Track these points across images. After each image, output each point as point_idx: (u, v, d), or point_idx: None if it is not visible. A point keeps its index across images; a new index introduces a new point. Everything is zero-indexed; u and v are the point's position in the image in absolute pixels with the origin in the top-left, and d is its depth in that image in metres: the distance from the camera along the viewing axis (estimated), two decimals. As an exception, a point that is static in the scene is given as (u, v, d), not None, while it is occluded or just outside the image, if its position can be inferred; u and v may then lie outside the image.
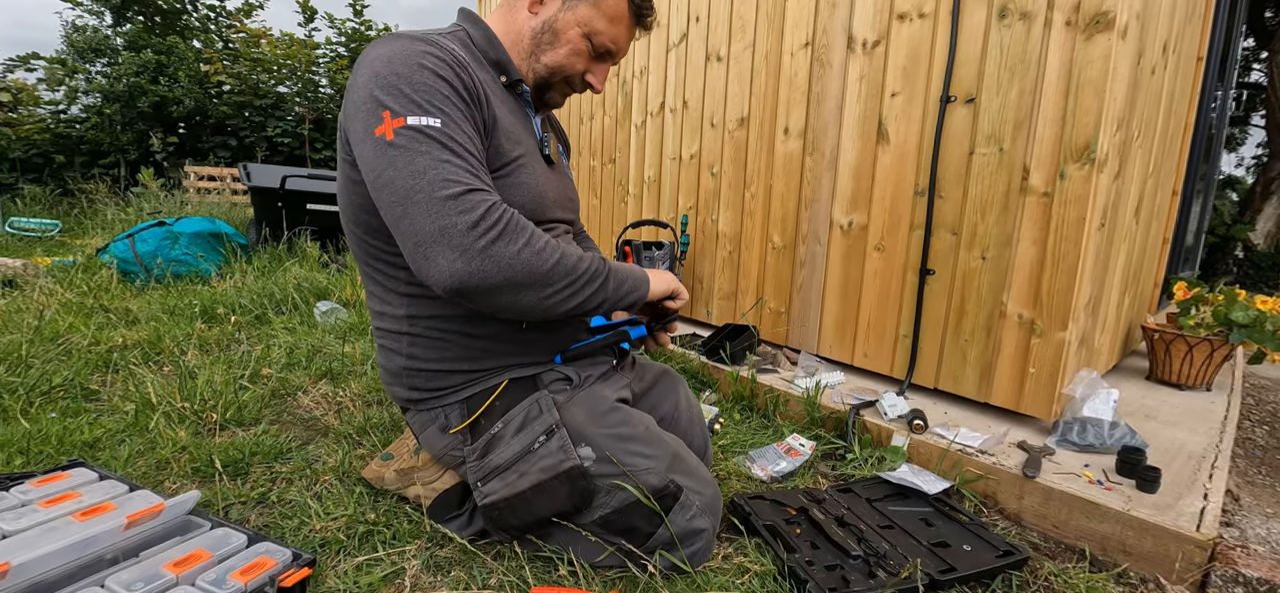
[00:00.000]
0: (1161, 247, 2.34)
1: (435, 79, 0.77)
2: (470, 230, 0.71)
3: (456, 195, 0.72)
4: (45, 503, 0.89)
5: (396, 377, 0.96)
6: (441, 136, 0.74)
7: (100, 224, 4.95)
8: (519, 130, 0.90)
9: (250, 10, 8.78)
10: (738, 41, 2.11)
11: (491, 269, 0.72)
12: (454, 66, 0.79)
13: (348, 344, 2.00)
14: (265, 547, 0.83)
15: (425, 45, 0.79)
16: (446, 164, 0.73)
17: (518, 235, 0.75)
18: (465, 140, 0.76)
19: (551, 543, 0.93)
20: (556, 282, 0.78)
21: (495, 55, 0.91)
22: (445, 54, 0.80)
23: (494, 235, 0.72)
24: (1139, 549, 1.04)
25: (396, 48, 0.78)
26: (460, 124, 0.76)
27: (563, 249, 0.80)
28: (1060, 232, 1.34)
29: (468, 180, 0.73)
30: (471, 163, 0.76)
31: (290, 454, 1.26)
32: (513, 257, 0.74)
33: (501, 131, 0.84)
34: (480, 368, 0.93)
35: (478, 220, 0.72)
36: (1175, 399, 1.79)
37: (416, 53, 0.77)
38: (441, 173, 0.72)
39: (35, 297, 2.30)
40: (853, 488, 1.23)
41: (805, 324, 1.97)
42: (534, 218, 0.90)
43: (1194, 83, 2.15)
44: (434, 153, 0.73)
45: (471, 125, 0.79)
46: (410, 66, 0.76)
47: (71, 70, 7.59)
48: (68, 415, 1.36)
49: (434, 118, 0.74)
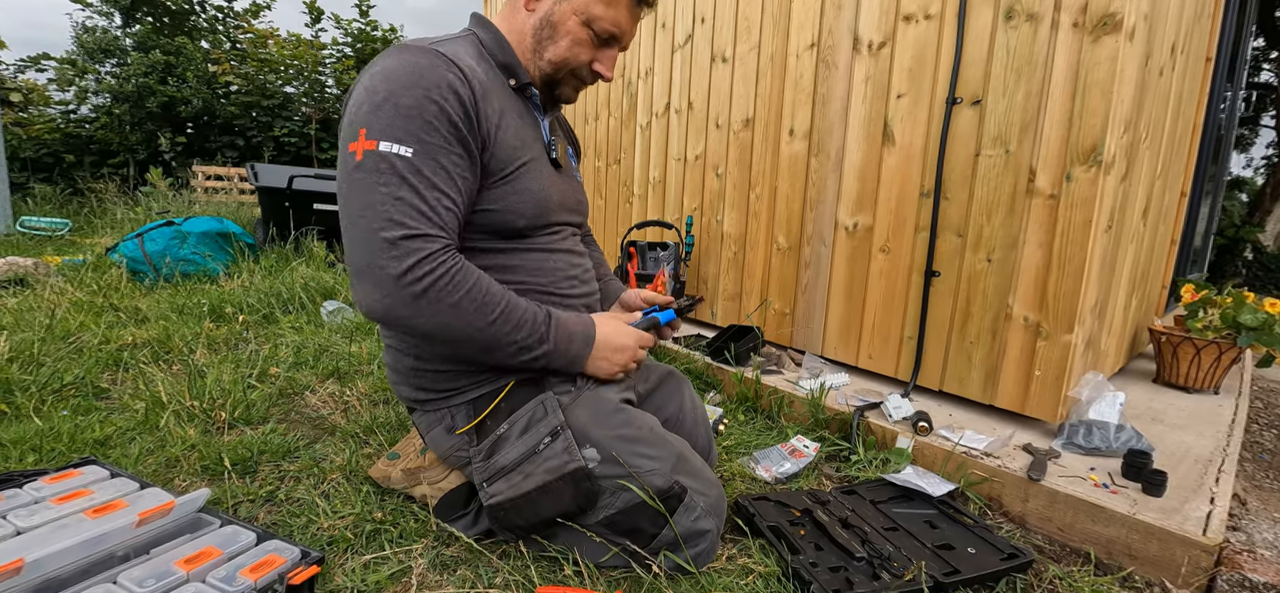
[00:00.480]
0: (1169, 248, 2.32)
1: (425, 101, 0.75)
2: (397, 280, 0.72)
3: (395, 240, 0.72)
4: (58, 500, 0.90)
5: (404, 377, 0.96)
6: (407, 168, 0.74)
7: (109, 223, 5.00)
8: (526, 135, 0.90)
9: (257, 11, 8.84)
10: (743, 43, 2.11)
11: (407, 316, 0.74)
12: (454, 86, 0.77)
13: (354, 344, 2.01)
14: (274, 545, 0.84)
15: (430, 61, 0.78)
16: (398, 201, 0.73)
17: (444, 296, 0.74)
18: (434, 171, 0.75)
19: (557, 543, 0.93)
20: (481, 341, 0.80)
21: (504, 58, 0.91)
22: (449, 71, 0.78)
23: (418, 290, 0.73)
24: (1145, 553, 1.04)
25: (400, 62, 0.78)
26: (436, 154, 0.76)
27: (503, 310, 0.80)
28: (1066, 234, 1.34)
29: (414, 223, 0.73)
30: (430, 199, 0.75)
31: (298, 453, 1.27)
32: (430, 313, 0.75)
33: (506, 139, 0.85)
34: (484, 372, 0.94)
35: (406, 270, 0.72)
36: (1182, 402, 1.77)
37: (417, 71, 0.76)
38: (389, 212, 0.73)
39: (46, 295, 2.33)
40: (857, 490, 1.23)
41: (810, 326, 1.97)
42: (539, 221, 0.90)
43: (1203, 83, 2.13)
44: (390, 187, 0.73)
45: (456, 153, 0.78)
46: (404, 85, 0.75)
47: (81, 71, 7.67)
48: (79, 413, 1.38)
49: (407, 146, 0.74)
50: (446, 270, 0.74)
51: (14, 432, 1.23)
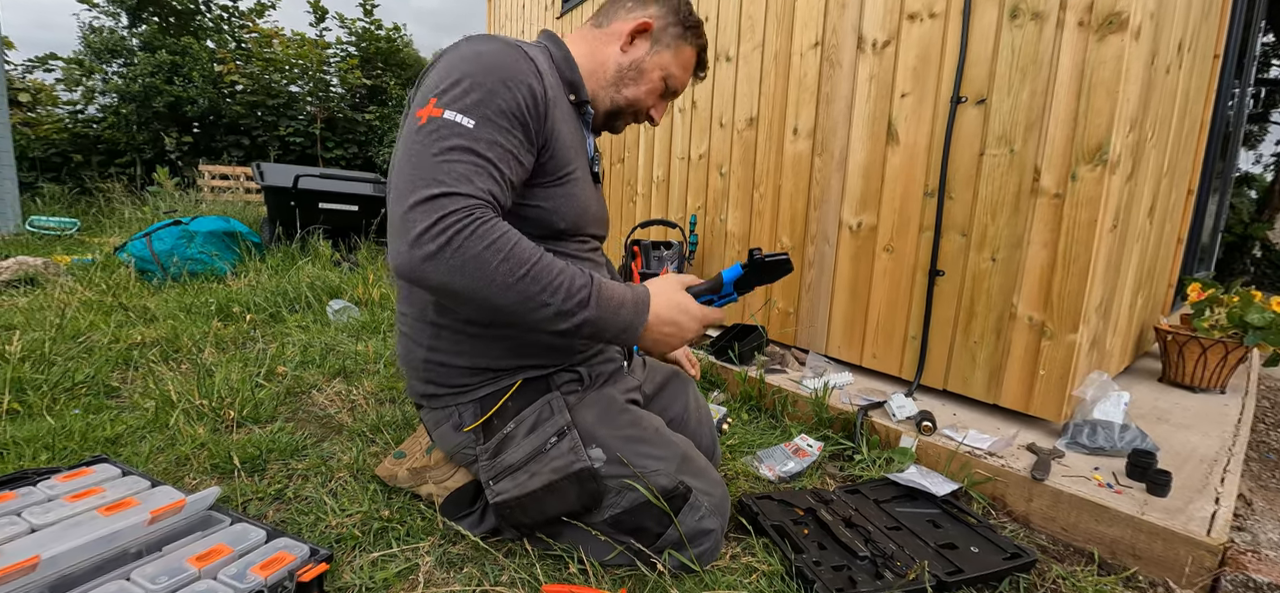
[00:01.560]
0: (1176, 246, 2.31)
1: (499, 85, 0.78)
2: (421, 234, 0.70)
3: (428, 197, 0.71)
4: (71, 498, 0.91)
5: (415, 370, 0.97)
6: (464, 137, 0.75)
7: (118, 223, 5.04)
8: (577, 146, 0.94)
9: (262, 10, 8.88)
10: (747, 41, 2.11)
11: (428, 272, 0.71)
12: (529, 81, 0.81)
13: (360, 342, 2.03)
14: (284, 542, 0.85)
15: (513, 54, 0.81)
16: (445, 165, 0.73)
17: (465, 247, 0.71)
18: (489, 147, 0.76)
19: (562, 541, 0.94)
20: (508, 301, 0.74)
21: (569, 75, 0.96)
22: (528, 66, 0.82)
23: (440, 242, 0.70)
24: (1149, 553, 1.04)
25: (484, 47, 0.81)
26: (495, 133, 0.77)
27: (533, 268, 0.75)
28: (1072, 234, 1.34)
29: (452, 184, 0.72)
30: (477, 167, 0.75)
31: (306, 451, 1.28)
32: (450, 267, 0.71)
33: (562, 146, 0.88)
34: (497, 367, 0.94)
35: (431, 224, 0.70)
36: (1188, 402, 1.77)
37: (498, 57, 0.80)
38: (433, 173, 0.72)
39: (56, 295, 2.35)
40: (860, 489, 1.24)
41: (814, 325, 1.97)
42: (576, 228, 0.94)
43: (1210, 80, 2.12)
44: (441, 152, 0.74)
45: (516, 138, 0.79)
46: (483, 68, 0.78)
47: (88, 71, 7.72)
48: (90, 412, 1.40)
49: (470, 119, 0.75)
50: (470, 221, 0.71)
51: (27, 430, 1.24)
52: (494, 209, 0.76)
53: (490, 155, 0.76)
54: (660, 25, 1.00)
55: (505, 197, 0.79)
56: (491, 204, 0.75)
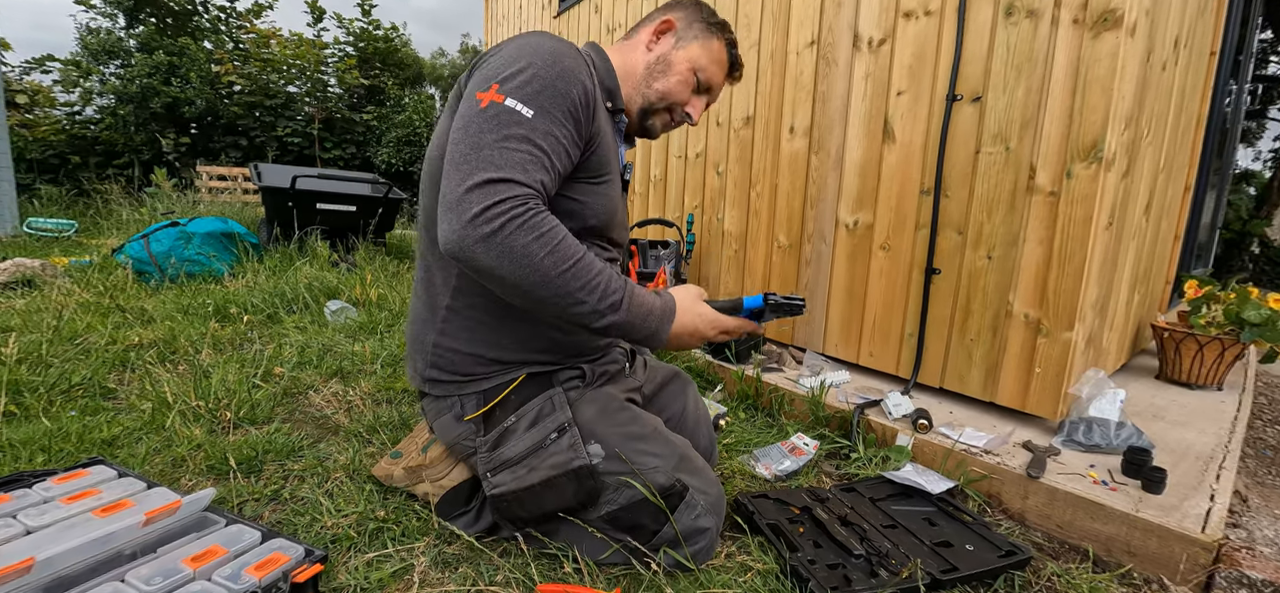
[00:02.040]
0: (1173, 244, 2.31)
1: (559, 79, 0.81)
2: (475, 217, 0.72)
3: (486, 181, 0.73)
4: (66, 500, 0.91)
5: (423, 353, 0.98)
6: (523, 126, 0.77)
7: (115, 224, 5.04)
8: (612, 152, 0.96)
9: (260, 11, 8.86)
10: (743, 41, 2.11)
11: (477, 253, 0.73)
12: (583, 80, 0.84)
13: (357, 343, 2.03)
14: (278, 543, 0.85)
15: (572, 53, 0.85)
16: (503, 150, 0.75)
17: (516, 235, 0.73)
18: (544, 137, 0.79)
19: (557, 539, 0.94)
20: (548, 292, 0.77)
21: (609, 84, 1.00)
22: (583, 66, 0.86)
23: (492, 228, 0.72)
24: (1143, 550, 1.04)
25: (547, 43, 0.84)
26: (552, 126, 0.80)
27: (575, 265, 0.77)
28: (1067, 231, 1.34)
29: (509, 171, 0.74)
30: (532, 157, 0.77)
31: (302, 452, 1.28)
32: (499, 252, 0.73)
33: (603, 147, 0.91)
34: (504, 360, 0.96)
35: (485, 208, 0.72)
36: (1185, 399, 1.77)
37: (559, 54, 0.83)
38: (491, 157, 0.75)
39: (53, 296, 2.35)
40: (856, 487, 1.24)
41: (811, 323, 1.97)
42: (604, 233, 0.96)
43: (1207, 77, 2.12)
44: (501, 137, 0.76)
45: (569, 133, 0.82)
46: (545, 62, 0.81)
47: (86, 72, 7.71)
48: (87, 414, 1.40)
49: (530, 108, 0.78)
50: (524, 211, 0.74)
51: (23, 432, 1.24)
52: (544, 200, 0.78)
53: (545, 146, 0.78)
54: (683, 22, 1.03)
55: (554, 188, 0.82)
56: (542, 195, 0.78)
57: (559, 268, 0.76)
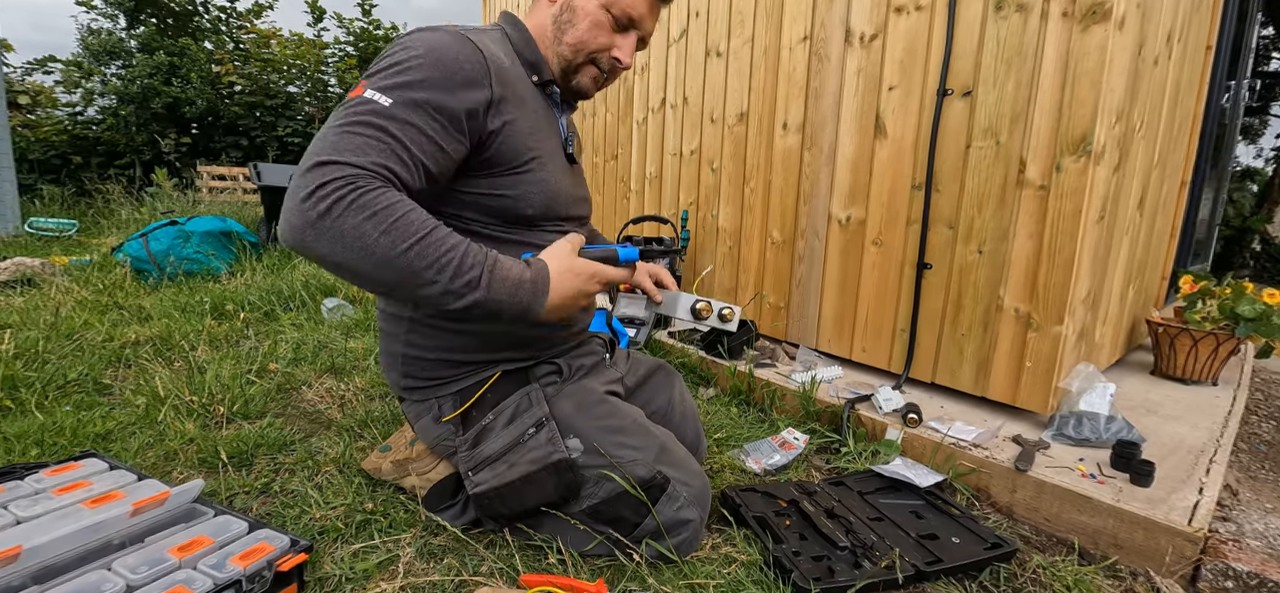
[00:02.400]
0: (1169, 239, 2.30)
1: (431, 69, 0.76)
2: (303, 202, 0.68)
3: (315, 165, 0.69)
4: (58, 491, 0.92)
5: (394, 363, 0.98)
6: (375, 115, 0.73)
7: (116, 224, 5.06)
8: (543, 129, 0.91)
9: (260, 11, 8.88)
10: (737, 36, 2.11)
11: (309, 240, 0.69)
12: (462, 66, 0.78)
13: (352, 340, 2.04)
14: (265, 533, 0.86)
15: (451, 39, 0.79)
16: (347, 137, 0.71)
17: (346, 216, 0.68)
18: (400, 128, 0.73)
19: (542, 532, 0.95)
20: (391, 275, 0.71)
21: (530, 56, 0.94)
22: (466, 51, 0.80)
23: (320, 210, 0.67)
24: (1130, 543, 1.04)
25: (425, 34, 0.80)
26: (411, 114, 0.74)
27: (418, 242, 0.70)
28: (1056, 225, 1.34)
29: (344, 157, 0.70)
30: (378, 143, 0.72)
31: (294, 446, 1.29)
32: (330, 236, 0.68)
33: (520, 130, 0.86)
34: (474, 360, 0.95)
35: (312, 191, 0.68)
36: (1179, 394, 1.77)
37: (434, 43, 0.78)
38: (332, 142, 0.71)
39: (52, 294, 2.37)
40: (845, 481, 1.24)
41: (804, 319, 1.98)
42: (548, 214, 0.92)
43: (1203, 72, 2.11)
44: (349, 125, 0.72)
45: (436, 122, 0.76)
46: (416, 52, 0.77)
47: (87, 73, 7.74)
48: (82, 409, 1.41)
49: (388, 98, 0.74)
50: (351, 191, 0.68)
51: (17, 426, 1.25)
52: (388, 182, 0.72)
53: (397, 134, 0.73)
54: None
55: (412, 177, 0.75)
56: (384, 176, 0.72)
57: (398, 247, 0.69)
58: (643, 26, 0.93)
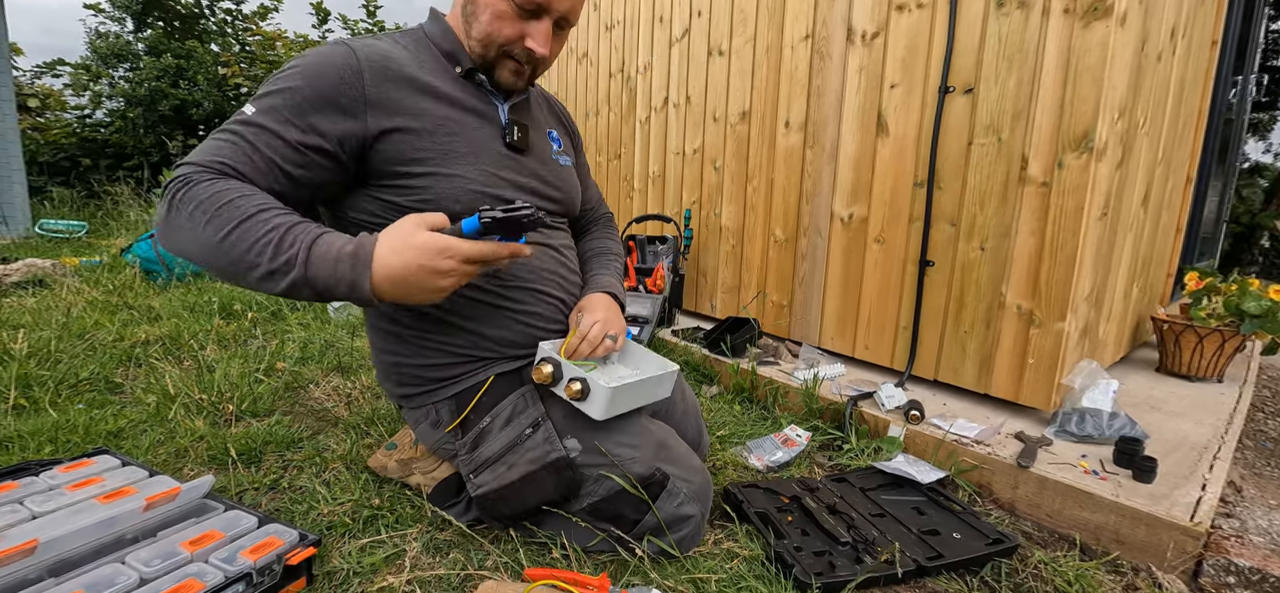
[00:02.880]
0: (1174, 236, 2.29)
1: (295, 77, 0.78)
2: (161, 198, 0.74)
3: (171, 180, 0.74)
4: (71, 487, 0.94)
5: (387, 373, 1.00)
6: (240, 125, 0.77)
7: (125, 225, 5.11)
8: (460, 120, 0.87)
9: (265, 13, 8.94)
10: (739, 35, 2.12)
11: (165, 237, 0.74)
12: (327, 74, 0.78)
13: (358, 338, 2.05)
14: (274, 528, 0.88)
15: (327, 51, 0.81)
16: (208, 143, 0.76)
17: (180, 211, 0.71)
18: (256, 135, 0.76)
19: (545, 529, 0.96)
20: (220, 262, 0.71)
21: (448, 46, 0.91)
22: (338, 57, 0.80)
23: (164, 211, 0.73)
24: (1132, 539, 1.04)
25: (316, 50, 0.82)
26: (272, 122, 0.77)
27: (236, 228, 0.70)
28: (1058, 222, 1.34)
29: (197, 161, 0.74)
30: (232, 148, 0.75)
31: (301, 443, 1.31)
32: (172, 232, 0.73)
33: (423, 127, 0.83)
34: (464, 368, 0.95)
35: (165, 189, 0.74)
36: (1184, 391, 1.76)
37: (307, 57, 0.80)
38: (194, 156, 0.75)
39: (64, 295, 2.40)
40: (847, 478, 1.25)
41: (807, 317, 1.98)
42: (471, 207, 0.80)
43: (1208, 68, 2.10)
44: (215, 137, 0.77)
45: (296, 127, 0.77)
46: (291, 66, 0.80)
47: (95, 75, 7.81)
48: (94, 407, 1.43)
49: (254, 106, 0.77)
50: (185, 185, 0.71)
51: (31, 424, 1.28)
52: (221, 175, 0.73)
53: (249, 137, 0.76)
54: None
55: (255, 172, 0.76)
56: (217, 170, 0.73)
57: (220, 234, 0.69)
58: (553, 9, 0.84)
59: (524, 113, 0.99)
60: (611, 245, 1.16)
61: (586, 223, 1.20)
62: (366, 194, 0.87)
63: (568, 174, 1.06)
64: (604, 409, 0.86)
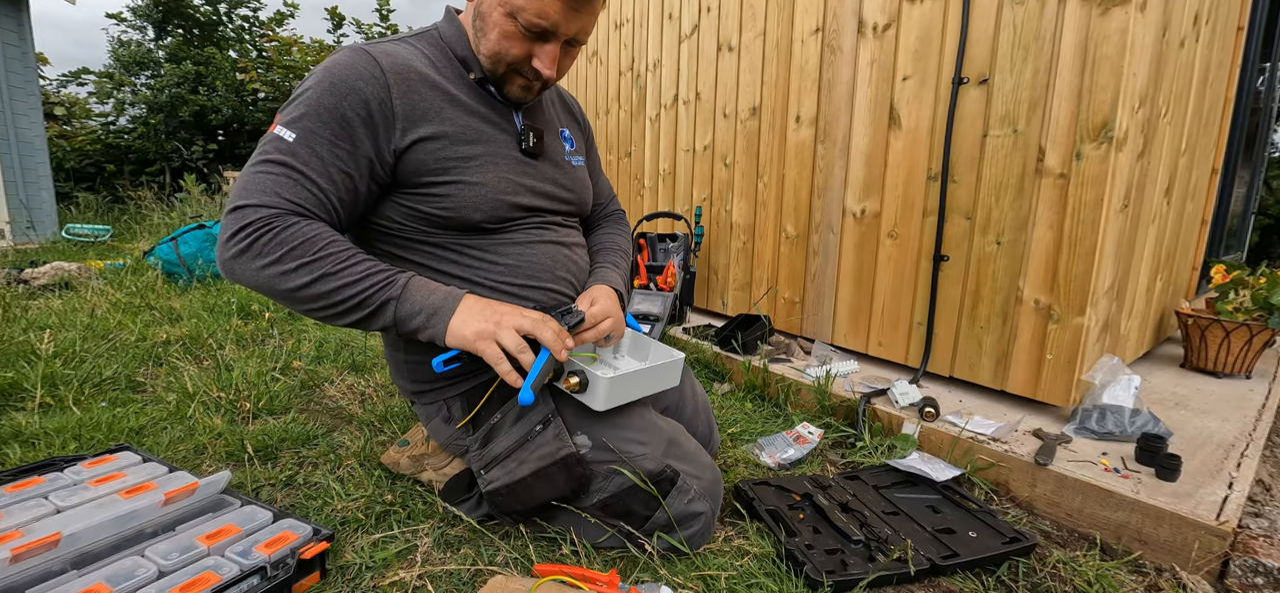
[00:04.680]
0: (1199, 228, 2.23)
1: (326, 94, 0.79)
2: (227, 241, 0.76)
3: (235, 208, 0.76)
4: (94, 483, 0.96)
5: (399, 370, 1.00)
6: (282, 150, 0.78)
7: (147, 228, 5.24)
8: (479, 129, 0.89)
9: (282, 19, 9.09)
10: (748, 30, 2.10)
11: (237, 275, 0.77)
12: (357, 85, 0.80)
13: (372, 337, 2.08)
14: (289, 523, 0.89)
15: (349, 58, 0.82)
16: (258, 176, 0.77)
17: (264, 253, 0.75)
18: (306, 160, 0.78)
19: (555, 525, 0.96)
20: (305, 302, 0.77)
21: (462, 52, 0.91)
22: (363, 65, 0.81)
23: (238, 250, 0.75)
24: (1155, 538, 1.02)
25: (329, 60, 0.83)
26: (314, 142, 0.79)
27: (322, 271, 0.75)
28: (1077, 214, 1.30)
29: (257, 198, 0.76)
30: (287, 178, 0.77)
31: (316, 440, 1.33)
32: (253, 272, 0.75)
33: (443, 133, 0.85)
34: (475, 363, 0.94)
35: (233, 233, 0.75)
36: (1210, 387, 1.71)
37: (333, 68, 0.81)
38: (246, 183, 0.77)
39: (88, 297, 2.46)
40: (860, 475, 1.23)
41: (819, 313, 1.96)
42: (492, 214, 0.88)
43: (1234, 54, 2.04)
44: (259, 164, 0.78)
45: (342, 147, 0.80)
46: (316, 80, 0.81)
47: (119, 83, 8.02)
48: (116, 405, 1.47)
49: (293, 131, 0.79)
50: (262, 232, 0.75)
51: (57, 422, 1.31)
52: (302, 216, 0.78)
53: (302, 168, 0.78)
54: None
55: (323, 206, 0.80)
56: (297, 211, 0.77)
57: (310, 277, 0.75)
58: (561, 32, 0.83)
59: (537, 115, 1.01)
60: (619, 241, 1.16)
61: (597, 219, 1.20)
62: (390, 200, 0.89)
63: (580, 174, 1.07)
64: (604, 400, 0.86)
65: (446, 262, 0.91)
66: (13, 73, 4.95)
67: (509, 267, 0.93)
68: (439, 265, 0.90)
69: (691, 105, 2.44)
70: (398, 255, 0.91)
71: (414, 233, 0.90)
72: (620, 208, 1.26)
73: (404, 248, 0.91)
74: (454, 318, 0.80)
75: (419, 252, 0.91)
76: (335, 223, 0.82)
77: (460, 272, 0.91)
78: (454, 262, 0.91)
